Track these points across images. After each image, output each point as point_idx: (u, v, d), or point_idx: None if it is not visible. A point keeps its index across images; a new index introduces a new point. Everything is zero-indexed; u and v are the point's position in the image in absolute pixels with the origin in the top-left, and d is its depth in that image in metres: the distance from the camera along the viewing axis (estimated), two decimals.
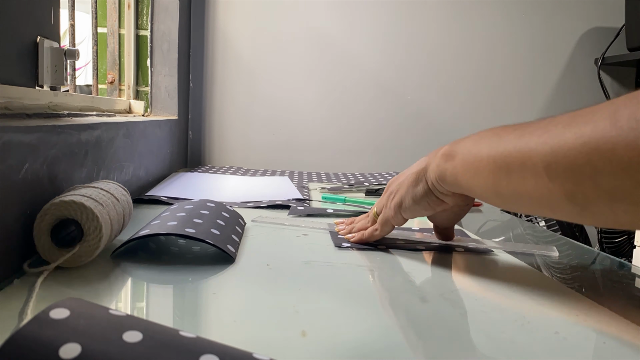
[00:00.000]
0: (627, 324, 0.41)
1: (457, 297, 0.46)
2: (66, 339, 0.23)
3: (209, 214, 0.61)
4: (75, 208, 0.46)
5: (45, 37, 0.62)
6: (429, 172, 0.53)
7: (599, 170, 0.35)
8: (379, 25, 1.46)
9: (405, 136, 1.48)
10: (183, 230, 0.53)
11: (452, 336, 0.38)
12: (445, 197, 0.53)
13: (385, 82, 1.47)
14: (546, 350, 0.36)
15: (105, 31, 1.14)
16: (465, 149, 0.49)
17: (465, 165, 0.48)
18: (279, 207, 0.84)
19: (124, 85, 1.17)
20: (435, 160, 0.52)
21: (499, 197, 0.45)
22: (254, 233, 0.65)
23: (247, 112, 1.45)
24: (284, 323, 0.39)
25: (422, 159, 0.56)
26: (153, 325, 0.26)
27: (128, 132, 0.79)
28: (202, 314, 0.41)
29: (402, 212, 0.56)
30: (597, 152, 0.35)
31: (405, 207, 0.56)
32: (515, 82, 1.49)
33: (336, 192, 1.01)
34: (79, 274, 0.47)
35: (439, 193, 0.53)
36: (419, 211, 0.56)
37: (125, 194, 0.59)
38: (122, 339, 0.24)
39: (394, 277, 0.51)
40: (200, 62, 1.43)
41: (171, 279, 0.48)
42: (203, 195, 0.91)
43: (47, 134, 0.50)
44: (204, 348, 0.24)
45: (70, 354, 0.22)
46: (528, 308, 0.44)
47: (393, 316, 0.41)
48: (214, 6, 1.42)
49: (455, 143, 0.51)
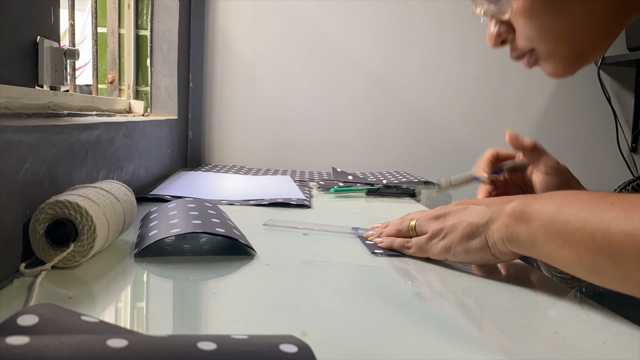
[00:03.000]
0: (627, 324, 0.41)
1: (457, 297, 0.46)
2: (35, 347, 0.22)
3: (216, 214, 0.62)
4: (70, 207, 0.46)
5: (45, 37, 0.61)
6: (491, 230, 0.50)
7: None
8: (380, 25, 1.45)
9: (405, 136, 1.48)
10: (213, 229, 0.55)
11: (452, 336, 0.37)
12: (504, 256, 0.50)
13: (385, 82, 1.47)
14: (546, 350, 0.36)
15: (105, 31, 1.14)
16: (544, 213, 0.45)
17: (548, 233, 0.44)
18: (279, 206, 0.85)
19: (124, 85, 1.17)
20: (502, 219, 0.49)
21: (596, 276, 0.42)
22: (254, 233, 0.65)
23: (247, 111, 1.45)
24: (284, 323, 0.39)
25: (479, 207, 0.52)
26: (132, 335, 0.25)
27: (128, 132, 0.79)
28: (202, 313, 0.41)
29: (446, 255, 0.54)
30: None
31: (452, 254, 0.53)
32: (515, 81, 1.49)
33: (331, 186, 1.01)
34: (77, 274, 0.47)
35: (499, 252, 0.50)
36: (467, 261, 0.53)
37: (128, 194, 0.59)
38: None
39: (394, 276, 0.51)
40: (200, 62, 1.43)
41: (171, 279, 0.48)
42: (206, 193, 0.91)
43: (47, 133, 0.50)
44: (194, 339, 0.24)
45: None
46: (528, 308, 0.44)
47: (393, 316, 0.41)
48: (214, 6, 1.42)
49: (527, 202, 0.47)
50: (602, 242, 0.40)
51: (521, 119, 1.49)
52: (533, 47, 0.54)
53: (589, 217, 0.41)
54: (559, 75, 0.56)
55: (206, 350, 0.23)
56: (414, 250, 0.57)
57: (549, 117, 1.48)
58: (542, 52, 0.54)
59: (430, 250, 0.55)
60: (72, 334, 0.24)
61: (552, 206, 0.45)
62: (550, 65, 0.55)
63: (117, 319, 0.40)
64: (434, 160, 1.48)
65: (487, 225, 0.50)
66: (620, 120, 1.49)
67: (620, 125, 1.49)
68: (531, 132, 1.48)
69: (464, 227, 0.52)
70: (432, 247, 0.55)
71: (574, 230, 0.42)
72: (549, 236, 0.44)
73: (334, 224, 0.70)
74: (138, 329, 0.38)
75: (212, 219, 0.59)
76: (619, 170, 1.49)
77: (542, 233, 0.45)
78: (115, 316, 0.40)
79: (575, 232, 0.42)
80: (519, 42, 0.55)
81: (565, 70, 0.55)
